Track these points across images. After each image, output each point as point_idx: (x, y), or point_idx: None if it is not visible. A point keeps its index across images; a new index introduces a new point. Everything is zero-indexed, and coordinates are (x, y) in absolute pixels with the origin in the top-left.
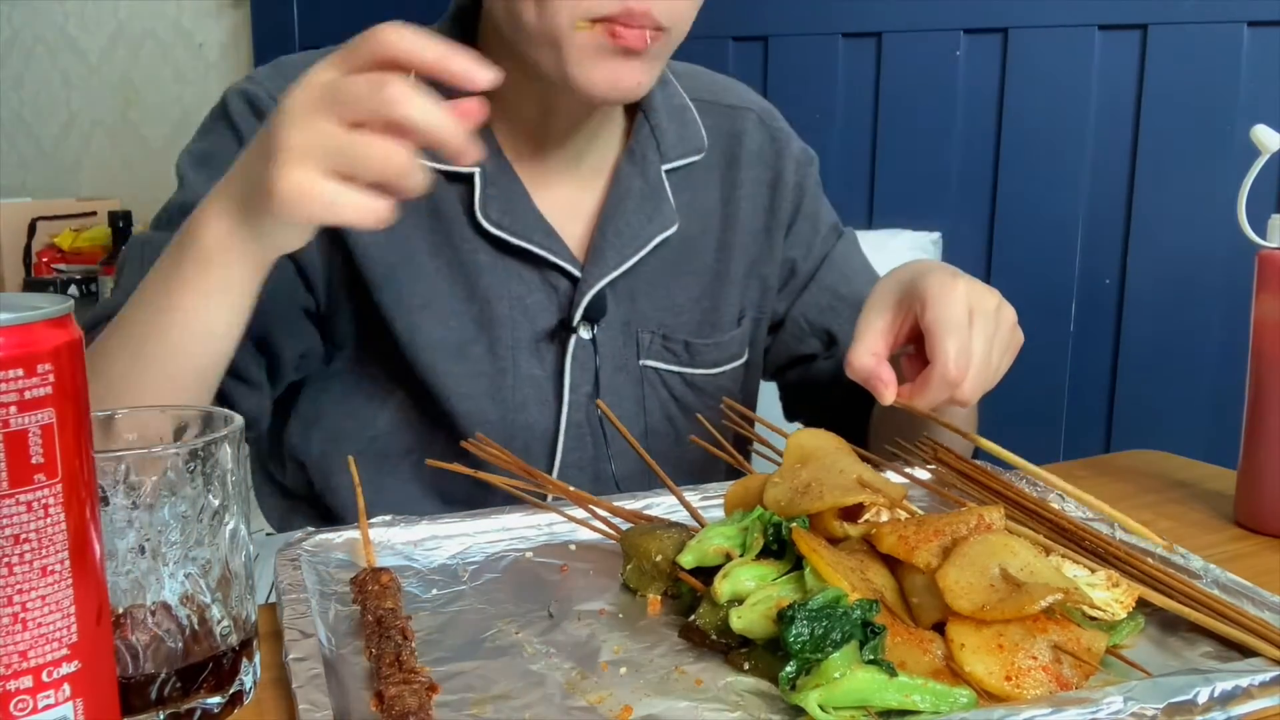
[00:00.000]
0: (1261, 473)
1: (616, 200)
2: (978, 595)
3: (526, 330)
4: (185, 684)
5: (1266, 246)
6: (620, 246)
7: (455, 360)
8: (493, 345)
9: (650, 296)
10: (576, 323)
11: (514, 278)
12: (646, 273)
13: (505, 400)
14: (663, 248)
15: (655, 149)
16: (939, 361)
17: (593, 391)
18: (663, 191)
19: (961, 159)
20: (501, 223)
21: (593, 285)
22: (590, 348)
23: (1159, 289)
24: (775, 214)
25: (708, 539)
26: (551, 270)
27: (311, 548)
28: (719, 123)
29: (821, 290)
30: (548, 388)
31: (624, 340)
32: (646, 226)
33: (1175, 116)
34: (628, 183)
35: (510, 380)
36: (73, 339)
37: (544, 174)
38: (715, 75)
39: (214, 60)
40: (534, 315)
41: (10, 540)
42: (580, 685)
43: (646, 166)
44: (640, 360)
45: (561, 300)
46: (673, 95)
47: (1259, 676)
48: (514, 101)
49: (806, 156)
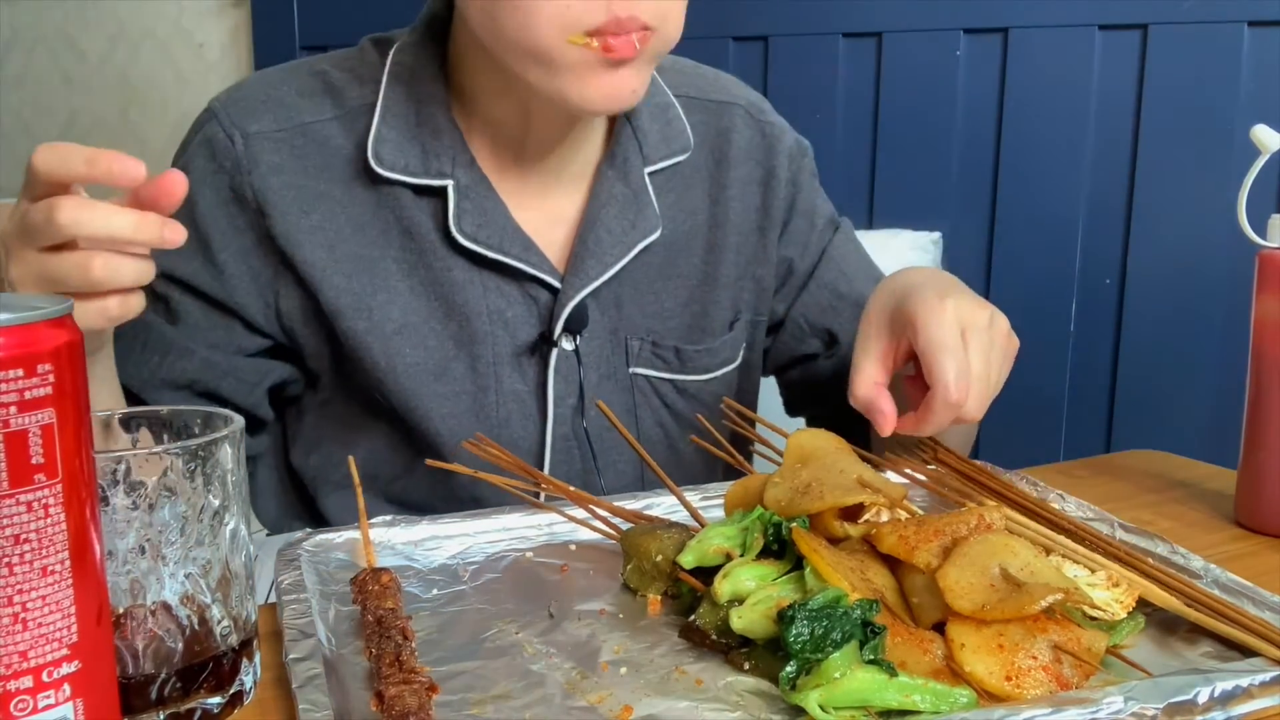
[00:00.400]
0: (1261, 473)
1: (597, 207)
2: (978, 595)
3: (507, 344)
4: (185, 684)
5: (1266, 246)
6: (601, 255)
7: (436, 381)
8: (474, 362)
9: (637, 303)
10: (557, 335)
11: (492, 291)
12: (632, 278)
13: (489, 417)
14: (647, 253)
15: (638, 151)
16: (939, 386)
17: (577, 404)
18: (645, 195)
19: (961, 159)
20: (477, 236)
21: (572, 296)
22: (573, 359)
23: (1159, 289)
24: (769, 213)
25: (708, 539)
26: (530, 282)
27: (312, 548)
28: (706, 120)
29: (821, 289)
30: (531, 402)
31: (612, 348)
32: (629, 233)
33: (1175, 116)
34: (609, 188)
35: (493, 397)
36: (72, 339)
37: (523, 183)
38: (702, 69)
39: (214, 60)
40: (514, 329)
41: (10, 540)
42: (580, 685)
43: (628, 170)
44: (630, 368)
45: (542, 312)
46: (656, 93)
47: (1259, 676)
48: (491, 111)
49: (800, 148)
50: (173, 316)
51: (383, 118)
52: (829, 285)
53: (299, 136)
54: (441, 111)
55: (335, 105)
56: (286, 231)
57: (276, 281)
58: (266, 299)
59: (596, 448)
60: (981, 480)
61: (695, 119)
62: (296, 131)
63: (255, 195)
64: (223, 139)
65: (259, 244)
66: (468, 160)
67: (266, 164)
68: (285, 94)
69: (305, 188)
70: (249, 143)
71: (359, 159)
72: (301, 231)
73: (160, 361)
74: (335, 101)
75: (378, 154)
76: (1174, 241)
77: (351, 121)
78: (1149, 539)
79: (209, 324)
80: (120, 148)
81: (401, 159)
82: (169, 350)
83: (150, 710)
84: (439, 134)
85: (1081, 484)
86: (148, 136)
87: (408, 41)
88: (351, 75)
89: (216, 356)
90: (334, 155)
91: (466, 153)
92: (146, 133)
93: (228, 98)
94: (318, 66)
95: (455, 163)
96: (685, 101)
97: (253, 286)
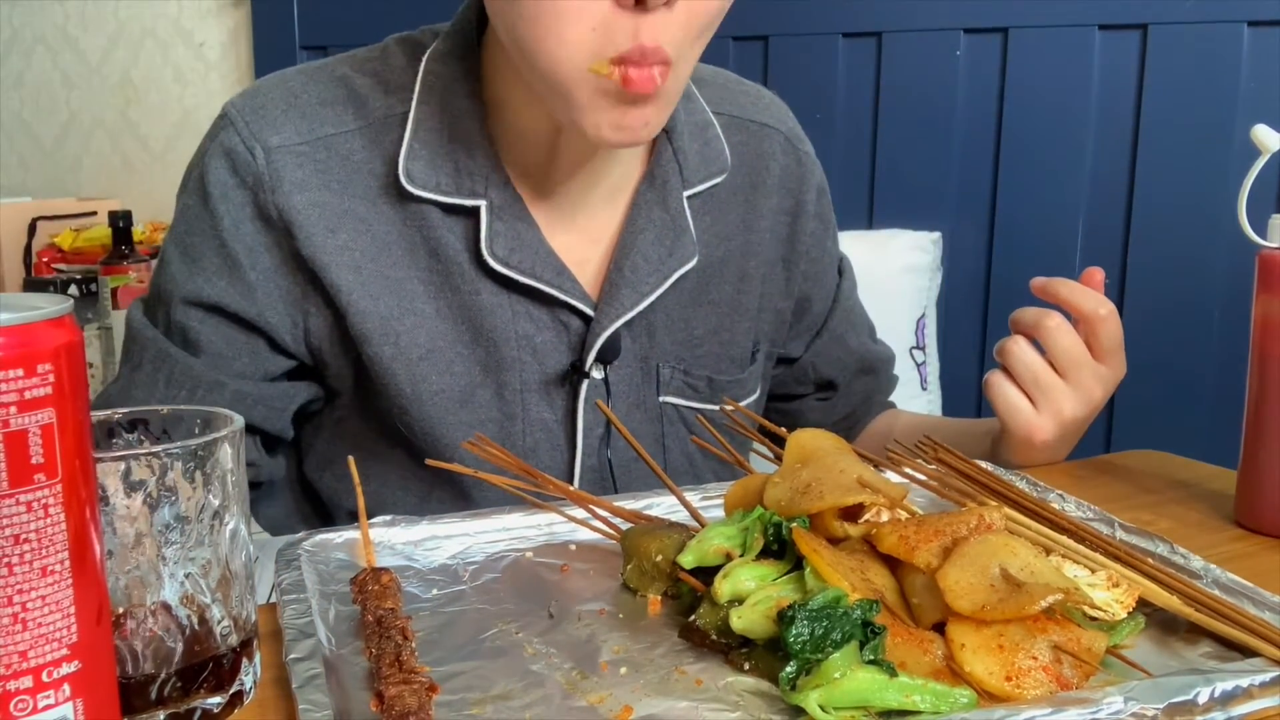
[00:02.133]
0: (1261, 473)
1: (635, 231)
2: (978, 595)
3: (535, 372)
4: (185, 684)
5: (1266, 246)
6: (637, 284)
7: (461, 408)
8: (500, 390)
9: (669, 330)
10: (589, 366)
11: (521, 316)
12: (665, 305)
13: (515, 446)
14: (682, 279)
15: (678, 174)
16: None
17: (604, 434)
18: (683, 220)
19: (961, 159)
20: (509, 260)
21: (606, 327)
22: (603, 388)
23: (1159, 289)
24: (794, 245)
25: (708, 539)
26: (562, 308)
27: (312, 548)
28: (745, 141)
29: (833, 341)
30: (559, 432)
31: (642, 376)
32: (666, 261)
33: (1175, 116)
34: (647, 212)
35: (520, 425)
36: (73, 339)
37: (556, 202)
38: (745, 84)
39: (214, 60)
40: (543, 356)
41: (10, 540)
42: (580, 685)
43: (668, 193)
44: (660, 396)
45: (573, 340)
46: (695, 111)
47: (1259, 676)
48: (521, 121)
49: (824, 184)
50: (194, 348)
51: (415, 133)
52: (839, 338)
53: (322, 150)
54: (476, 127)
55: (358, 116)
56: (313, 253)
57: (306, 301)
58: (295, 319)
59: (619, 478)
60: (982, 480)
61: (734, 139)
62: (319, 145)
63: (280, 214)
64: (243, 152)
65: (286, 262)
66: (502, 180)
67: (290, 180)
68: (306, 102)
69: (329, 205)
70: (271, 157)
71: (386, 175)
72: (328, 252)
73: (189, 397)
74: (358, 111)
75: (409, 171)
76: (1174, 241)
77: (376, 134)
78: (1149, 539)
79: (233, 351)
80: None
81: (434, 177)
82: (197, 385)
83: (150, 710)
84: (472, 151)
85: (1081, 484)
86: (148, 136)
87: (441, 50)
88: (376, 81)
89: (247, 387)
90: (357, 170)
91: (501, 171)
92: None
93: (245, 104)
94: (338, 71)
95: (489, 182)
96: (725, 121)
97: (282, 306)
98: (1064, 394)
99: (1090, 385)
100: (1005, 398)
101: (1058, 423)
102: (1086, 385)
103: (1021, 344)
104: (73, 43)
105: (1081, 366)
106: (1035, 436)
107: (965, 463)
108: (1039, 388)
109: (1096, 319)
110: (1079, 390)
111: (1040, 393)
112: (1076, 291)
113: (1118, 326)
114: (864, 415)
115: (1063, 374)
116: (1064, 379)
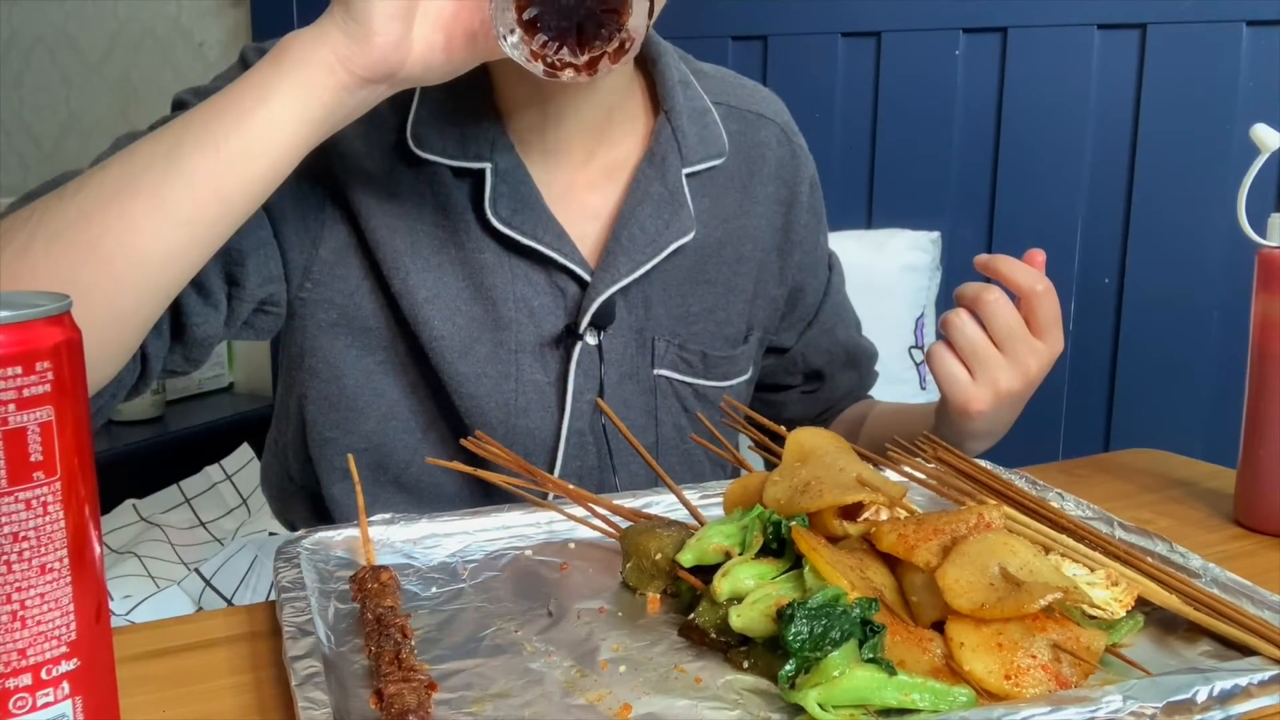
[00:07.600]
0: (1261, 472)
1: (633, 204)
2: (977, 594)
3: (531, 333)
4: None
5: (1266, 246)
6: (634, 252)
7: (459, 359)
8: (496, 348)
9: (665, 304)
10: (583, 329)
11: (520, 278)
12: (662, 279)
13: (508, 404)
14: (679, 255)
15: (676, 152)
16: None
17: (595, 411)
18: (681, 196)
19: (961, 159)
20: (511, 220)
21: (602, 291)
22: (596, 355)
23: (1159, 289)
24: (789, 234)
25: (707, 537)
26: (560, 273)
27: (311, 546)
28: (742, 130)
29: (823, 333)
30: (550, 394)
31: (636, 347)
32: (663, 233)
33: (1175, 116)
34: (646, 185)
35: (513, 384)
36: (72, 337)
37: (555, 172)
38: (742, 80)
39: (214, 60)
40: (540, 319)
41: (9, 538)
42: (580, 683)
43: (666, 170)
44: (654, 369)
45: (569, 304)
46: (694, 97)
47: (1258, 675)
48: (516, 93)
49: (816, 178)
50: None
51: (420, 102)
52: (829, 330)
53: None
54: (482, 98)
55: None
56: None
57: (322, 212)
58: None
59: (613, 445)
60: (981, 479)
61: (732, 127)
62: None
63: None
64: None
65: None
66: (507, 145)
67: None
68: None
69: (349, 142)
70: None
71: (400, 135)
72: (351, 174)
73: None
74: None
75: (416, 136)
76: (1173, 241)
77: (394, 96)
78: (1148, 538)
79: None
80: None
81: (440, 142)
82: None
83: None
84: (478, 119)
85: (1081, 483)
86: None
87: None
88: None
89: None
90: (378, 126)
91: (505, 138)
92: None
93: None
94: None
95: (494, 147)
96: (724, 110)
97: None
98: (1000, 366)
99: (1026, 359)
100: (945, 367)
101: (994, 393)
102: (1022, 358)
103: (963, 316)
104: (72, 43)
105: (1018, 340)
106: (971, 406)
107: (965, 461)
108: (977, 359)
109: (1034, 295)
110: (1015, 363)
111: (978, 364)
112: (1016, 268)
113: (1054, 303)
114: (844, 408)
115: (1000, 347)
116: (1001, 352)
